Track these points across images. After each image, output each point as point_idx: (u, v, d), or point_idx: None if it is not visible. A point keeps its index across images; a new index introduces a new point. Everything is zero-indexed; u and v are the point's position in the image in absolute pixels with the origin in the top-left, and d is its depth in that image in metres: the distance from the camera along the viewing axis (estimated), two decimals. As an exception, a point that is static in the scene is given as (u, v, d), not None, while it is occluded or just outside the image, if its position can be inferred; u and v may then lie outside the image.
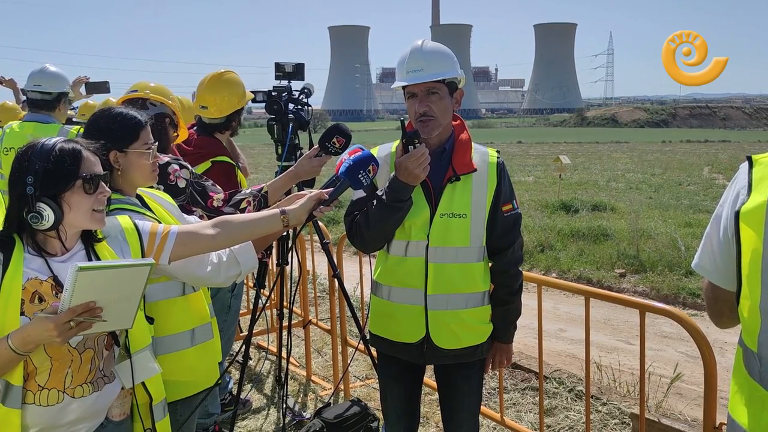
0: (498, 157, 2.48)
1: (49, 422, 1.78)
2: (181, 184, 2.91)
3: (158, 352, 2.20)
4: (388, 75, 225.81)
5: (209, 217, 3.05)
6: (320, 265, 5.93)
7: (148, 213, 2.18)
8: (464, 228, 2.39)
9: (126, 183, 2.23)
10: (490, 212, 2.44)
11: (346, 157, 2.29)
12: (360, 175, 2.23)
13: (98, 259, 1.85)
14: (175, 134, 3.14)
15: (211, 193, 2.95)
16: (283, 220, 2.10)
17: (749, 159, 1.52)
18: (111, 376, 1.91)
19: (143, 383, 1.96)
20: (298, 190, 3.43)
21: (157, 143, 2.34)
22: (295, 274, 4.28)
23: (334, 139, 2.82)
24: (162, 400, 2.02)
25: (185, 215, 2.46)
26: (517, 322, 2.63)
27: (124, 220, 1.98)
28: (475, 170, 2.41)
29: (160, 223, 2.10)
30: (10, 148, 4.11)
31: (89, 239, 1.88)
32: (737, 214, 1.47)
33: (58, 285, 1.78)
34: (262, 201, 2.94)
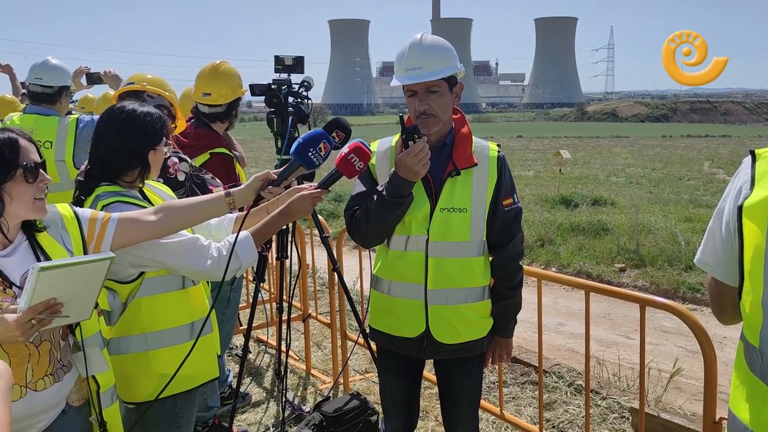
0: (499, 151, 2.46)
1: (13, 417, 1.77)
2: (181, 177, 2.91)
3: (158, 346, 2.21)
4: (388, 69, 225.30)
5: None
6: (320, 258, 5.93)
7: (143, 203, 2.18)
8: (465, 222, 2.38)
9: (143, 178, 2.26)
10: (490, 207, 2.42)
11: (345, 152, 2.28)
12: (310, 154, 2.15)
13: (42, 250, 1.83)
14: (173, 125, 3.14)
15: (210, 186, 2.95)
16: (229, 202, 2.08)
17: (752, 153, 1.51)
18: (69, 365, 1.91)
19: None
20: (298, 184, 3.42)
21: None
22: (295, 267, 4.28)
23: (334, 134, 2.80)
24: (110, 387, 2.01)
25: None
26: (517, 317, 2.62)
27: (63, 208, 1.95)
28: (476, 164, 2.39)
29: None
30: None
31: (30, 229, 1.85)
32: (740, 209, 1.46)
33: (4, 280, 1.75)
34: (260, 196, 2.93)
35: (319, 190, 2.26)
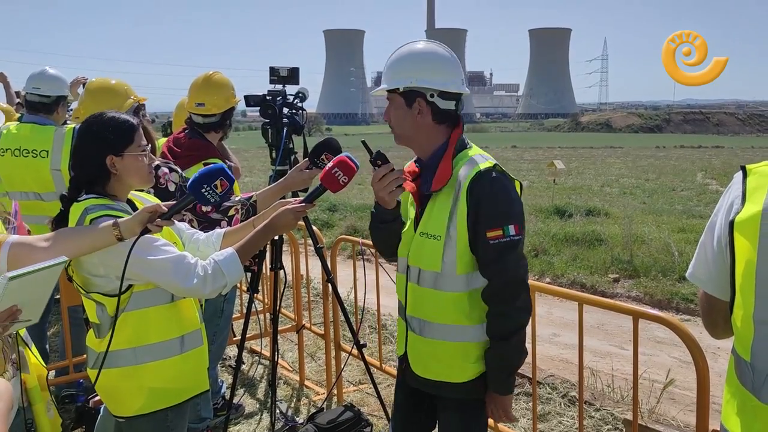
0: (480, 172, 2.13)
1: None
2: (171, 187, 2.91)
3: (148, 359, 2.20)
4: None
5: (199, 222, 3.05)
6: (314, 268, 5.92)
7: None
8: (436, 251, 2.16)
9: (122, 187, 2.25)
10: (470, 237, 2.14)
11: (329, 166, 2.28)
12: (204, 190, 2.07)
13: None
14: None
15: None
16: (115, 232, 2.03)
17: (743, 169, 1.52)
18: (13, 365, 1.97)
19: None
20: (292, 197, 3.43)
21: (150, 145, 2.34)
22: (289, 278, 4.28)
23: (323, 156, 2.81)
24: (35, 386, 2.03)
25: (176, 221, 2.45)
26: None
27: None
28: (441, 187, 2.16)
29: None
30: (6, 150, 4.09)
31: None
32: (731, 224, 1.48)
33: None
34: (250, 209, 2.93)
35: (303, 204, 2.26)
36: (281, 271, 3.95)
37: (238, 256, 2.20)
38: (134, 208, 2.26)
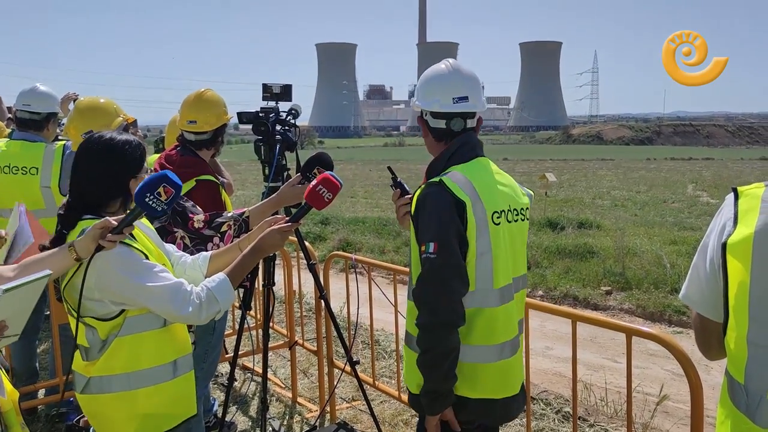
0: (422, 189, 2.21)
1: None
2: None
3: (141, 385, 2.17)
4: (375, 92, 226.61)
5: (191, 239, 3.03)
6: (307, 283, 5.90)
7: (130, 242, 2.13)
8: (413, 263, 2.25)
9: (125, 209, 2.25)
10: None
11: (313, 184, 2.29)
12: (147, 199, 2.02)
13: None
14: None
15: (191, 215, 2.94)
16: (73, 255, 2.03)
17: (735, 191, 1.53)
18: None
19: None
20: (285, 214, 3.43)
21: None
22: (282, 293, 4.26)
23: (315, 170, 2.81)
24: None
25: (165, 244, 2.44)
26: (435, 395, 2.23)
27: None
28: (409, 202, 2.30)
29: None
30: None
31: None
32: (724, 246, 1.48)
33: None
34: (243, 225, 2.92)
35: (290, 224, 2.26)
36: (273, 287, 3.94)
37: (230, 281, 2.19)
38: None
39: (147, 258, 2.13)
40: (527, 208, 2.37)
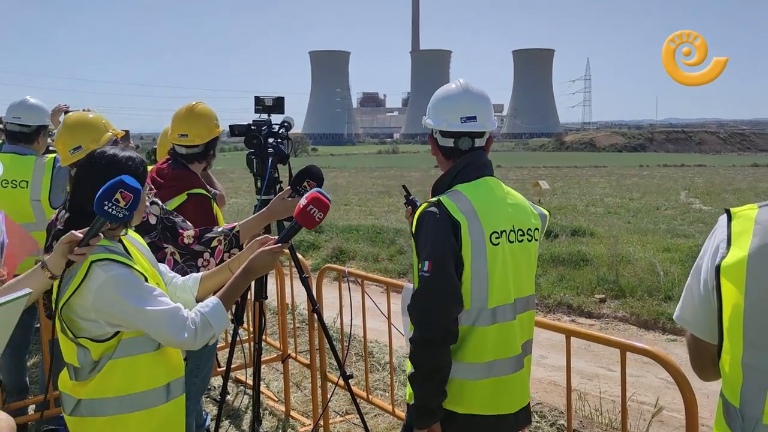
0: (430, 205, 2.23)
1: None
2: (152, 220, 2.88)
3: (133, 409, 2.12)
4: (368, 99, 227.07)
5: (181, 255, 3.00)
6: (300, 293, 5.87)
7: (131, 263, 2.10)
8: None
9: (127, 226, 2.23)
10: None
11: (304, 203, 2.27)
12: (106, 207, 1.97)
13: None
14: None
15: (180, 230, 2.92)
16: (47, 273, 2.01)
17: (728, 212, 1.52)
18: None
19: None
20: (277, 227, 3.42)
21: None
22: (274, 305, 4.23)
23: (305, 183, 2.80)
24: None
25: (159, 264, 2.42)
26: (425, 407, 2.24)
27: None
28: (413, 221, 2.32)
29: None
30: None
31: None
32: (717, 269, 1.47)
33: None
34: (233, 240, 2.91)
35: (280, 244, 2.25)
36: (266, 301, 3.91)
37: (223, 306, 2.17)
38: (124, 247, 2.21)
39: (146, 280, 2.09)
40: (536, 229, 2.38)
